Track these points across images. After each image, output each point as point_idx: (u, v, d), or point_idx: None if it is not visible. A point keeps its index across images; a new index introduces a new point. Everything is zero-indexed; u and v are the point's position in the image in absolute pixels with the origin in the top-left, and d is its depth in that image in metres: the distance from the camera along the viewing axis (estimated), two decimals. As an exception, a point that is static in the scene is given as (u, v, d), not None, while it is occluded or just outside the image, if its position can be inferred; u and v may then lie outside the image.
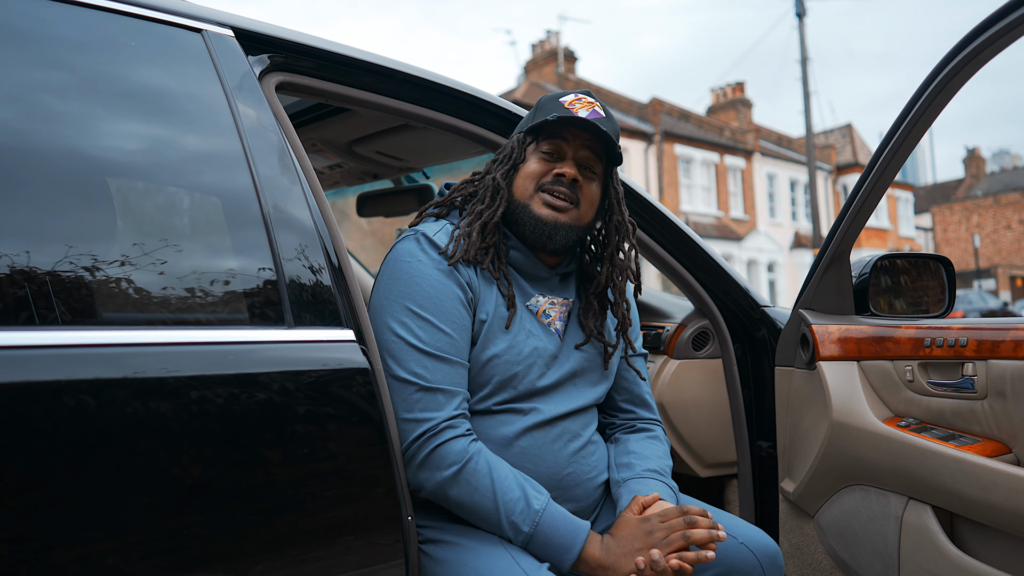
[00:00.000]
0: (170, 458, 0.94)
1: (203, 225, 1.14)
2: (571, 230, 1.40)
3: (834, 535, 1.64)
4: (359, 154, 2.10)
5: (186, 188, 1.14)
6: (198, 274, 1.06)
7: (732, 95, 29.21)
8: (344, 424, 1.12)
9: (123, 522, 0.91)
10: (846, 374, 1.61)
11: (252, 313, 1.09)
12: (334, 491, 1.10)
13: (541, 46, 28.05)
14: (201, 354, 1.00)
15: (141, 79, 1.14)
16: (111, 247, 1.00)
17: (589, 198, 1.41)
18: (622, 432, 1.54)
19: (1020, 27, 1.27)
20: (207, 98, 1.18)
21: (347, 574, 1.10)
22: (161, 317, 1.01)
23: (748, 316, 1.96)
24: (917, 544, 1.43)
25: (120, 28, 1.13)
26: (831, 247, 1.70)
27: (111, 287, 0.98)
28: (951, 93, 1.45)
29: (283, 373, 1.06)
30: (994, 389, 1.32)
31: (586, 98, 1.42)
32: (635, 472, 1.41)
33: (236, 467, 1.00)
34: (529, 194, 1.39)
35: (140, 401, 0.93)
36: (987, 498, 1.27)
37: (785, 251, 26.94)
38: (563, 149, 1.40)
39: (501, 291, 1.36)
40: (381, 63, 1.49)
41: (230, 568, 0.99)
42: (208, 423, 0.98)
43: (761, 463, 1.95)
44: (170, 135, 1.14)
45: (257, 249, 1.12)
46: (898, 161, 1.56)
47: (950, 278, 1.78)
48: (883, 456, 1.48)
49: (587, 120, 1.35)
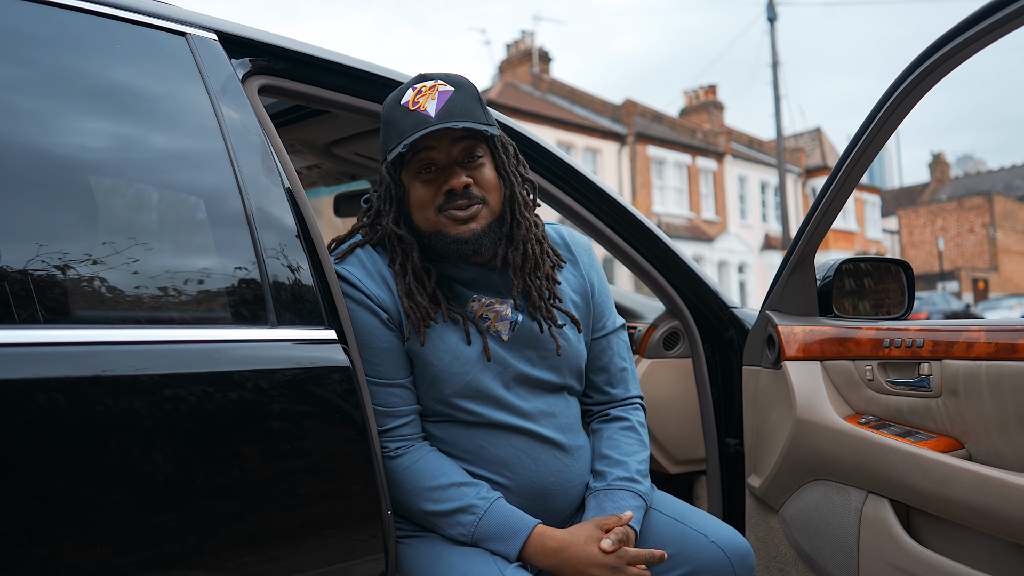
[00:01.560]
0: (160, 453, 0.97)
1: (188, 226, 1.17)
2: (491, 230, 1.31)
3: (797, 528, 1.70)
4: (337, 155, 2.12)
5: (171, 189, 1.16)
6: (184, 275, 1.09)
7: (704, 97, 29.51)
8: (327, 421, 1.15)
9: (122, 518, 0.93)
10: (810, 373, 1.68)
11: (237, 312, 1.12)
12: (317, 486, 1.13)
13: (516, 46, 28.10)
14: (188, 352, 1.03)
15: (127, 81, 1.16)
16: (99, 247, 1.02)
17: (490, 185, 1.31)
18: (598, 421, 1.51)
19: (980, 40, 1.32)
20: (192, 100, 1.20)
21: (329, 568, 1.13)
22: (149, 316, 1.03)
23: (717, 317, 2.02)
24: (875, 536, 1.49)
25: (106, 31, 1.15)
26: (796, 251, 1.76)
27: (103, 286, 1.00)
28: (913, 102, 1.50)
29: (268, 371, 1.09)
30: (948, 388, 1.39)
31: (425, 85, 1.29)
32: (606, 482, 1.38)
33: (222, 463, 1.03)
34: (434, 221, 1.30)
35: (127, 399, 0.95)
36: (940, 491, 1.33)
37: (755, 252, 27.29)
38: (437, 159, 1.29)
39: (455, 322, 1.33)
40: (362, 67, 1.52)
41: (216, 563, 1.02)
42: (193, 420, 1.00)
43: (729, 460, 2.01)
44: (155, 136, 1.16)
45: (241, 249, 1.15)
46: (861, 167, 1.62)
47: (910, 281, 1.86)
48: (844, 452, 1.54)
49: (436, 126, 1.24)
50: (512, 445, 1.34)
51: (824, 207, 1.69)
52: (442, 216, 1.30)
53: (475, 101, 1.30)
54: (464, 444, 1.34)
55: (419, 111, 1.26)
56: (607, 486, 1.38)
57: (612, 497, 1.36)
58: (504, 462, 1.33)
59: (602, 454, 1.44)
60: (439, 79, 1.30)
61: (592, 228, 1.87)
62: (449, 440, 1.35)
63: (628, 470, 1.40)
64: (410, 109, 1.27)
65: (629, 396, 1.54)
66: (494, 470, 1.33)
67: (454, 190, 1.28)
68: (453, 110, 1.26)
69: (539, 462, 1.35)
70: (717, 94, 29.46)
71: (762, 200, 28.67)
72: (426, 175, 1.30)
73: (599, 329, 1.50)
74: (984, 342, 1.33)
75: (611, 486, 1.38)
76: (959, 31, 1.34)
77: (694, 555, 1.34)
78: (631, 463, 1.42)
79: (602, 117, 25.18)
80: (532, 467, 1.34)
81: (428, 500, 1.28)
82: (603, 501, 1.36)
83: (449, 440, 1.35)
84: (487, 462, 1.33)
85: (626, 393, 1.53)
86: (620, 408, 1.52)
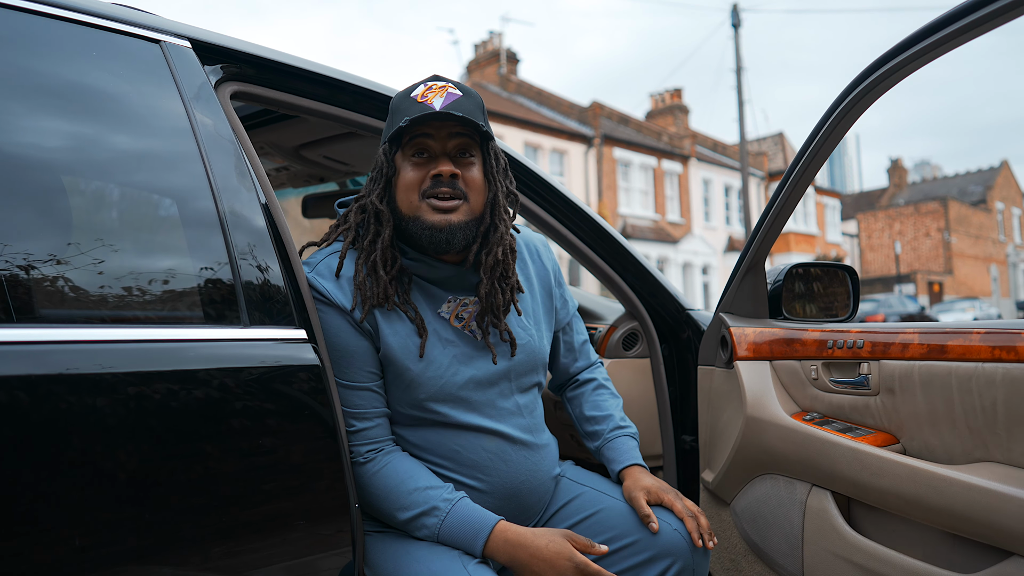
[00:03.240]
0: (136, 448, 1.01)
1: (163, 228, 1.20)
2: (467, 226, 1.36)
3: (747, 520, 1.79)
4: (306, 158, 2.16)
5: (146, 192, 1.19)
6: (158, 276, 1.12)
7: (670, 101, 29.86)
8: (299, 418, 1.20)
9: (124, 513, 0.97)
10: (760, 373, 1.76)
11: (210, 312, 1.16)
12: (287, 481, 1.17)
13: (484, 46, 28.14)
14: (162, 351, 1.07)
15: (102, 87, 1.19)
16: (79, 250, 1.05)
17: (475, 185, 1.37)
18: (571, 389, 1.70)
19: (927, 55, 1.38)
20: (166, 106, 1.24)
21: (299, 560, 1.18)
22: (124, 316, 1.07)
23: (674, 318, 2.10)
24: (818, 526, 1.58)
25: (83, 38, 1.18)
26: (748, 255, 1.85)
27: (75, 287, 1.04)
28: (859, 112, 1.55)
29: (240, 369, 1.13)
30: (885, 386, 1.48)
31: (437, 83, 1.37)
32: (603, 437, 1.61)
33: (196, 458, 1.07)
34: (416, 205, 1.35)
35: (111, 394, 0.99)
36: (877, 483, 1.42)
37: (719, 254, 27.69)
38: (431, 147, 1.35)
39: (408, 317, 1.37)
40: (332, 75, 1.56)
41: (184, 556, 1.06)
42: (168, 416, 1.04)
43: (685, 455, 2.09)
44: (131, 141, 1.20)
45: (215, 252, 1.19)
46: (810, 174, 1.69)
47: (855, 286, 1.95)
48: (790, 447, 1.63)
49: (440, 111, 1.30)
50: (484, 448, 1.40)
51: (775, 213, 1.77)
52: (424, 202, 1.35)
53: (479, 109, 1.38)
54: (438, 449, 1.39)
55: (426, 103, 1.33)
56: (604, 440, 1.60)
57: (613, 447, 1.59)
58: (478, 465, 1.39)
59: (587, 416, 1.66)
60: (451, 83, 1.38)
61: (555, 232, 1.93)
62: (423, 444, 1.39)
63: (614, 420, 1.63)
64: (418, 101, 1.35)
65: (590, 362, 1.74)
66: (469, 474, 1.39)
67: (441, 175, 1.33)
68: (457, 108, 1.33)
69: (510, 464, 1.42)
70: (683, 98, 29.83)
71: (726, 203, 29.10)
72: (418, 159, 1.36)
73: (565, 315, 1.65)
74: (917, 343, 1.42)
75: (608, 438, 1.60)
76: (906, 46, 1.41)
77: (656, 540, 1.42)
78: (614, 414, 1.65)
79: (569, 119, 25.35)
80: (504, 469, 1.41)
81: (395, 507, 1.32)
82: (607, 452, 1.59)
83: (423, 444, 1.39)
84: (462, 466, 1.38)
85: (588, 361, 1.74)
86: (585, 372, 1.73)
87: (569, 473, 1.60)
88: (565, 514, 1.51)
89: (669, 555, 1.42)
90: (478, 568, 1.26)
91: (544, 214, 1.89)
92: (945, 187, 50.59)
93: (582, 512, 1.50)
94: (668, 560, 1.42)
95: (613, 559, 1.43)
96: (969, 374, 1.30)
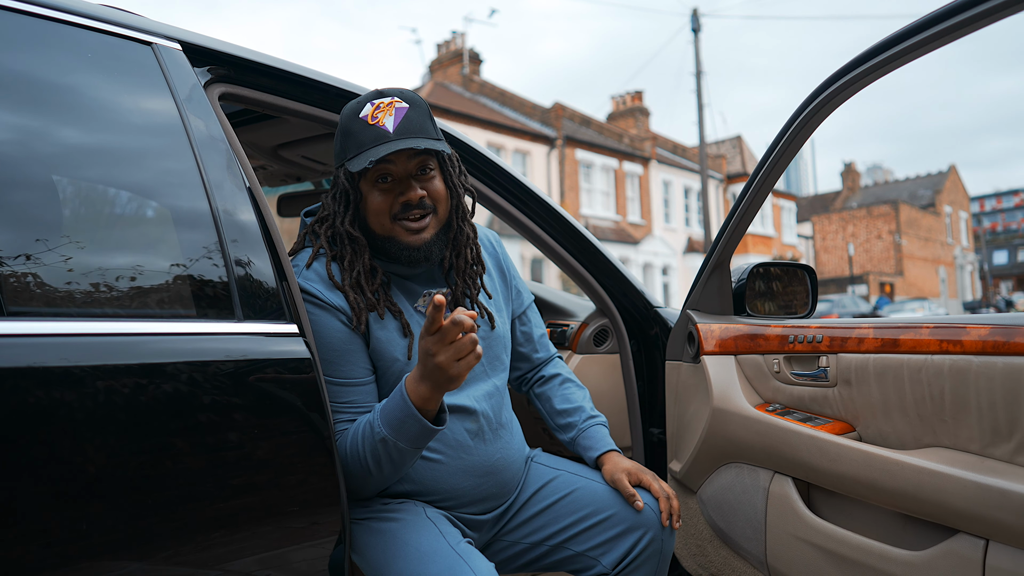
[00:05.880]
0: (140, 434, 1.04)
1: (159, 226, 1.24)
2: (439, 238, 1.46)
3: (713, 507, 1.88)
4: (284, 158, 2.18)
5: (142, 190, 1.23)
6: (155, 273, 1.16)
7: (631, 103, 30.19)
8: (292, 408, 1.24)
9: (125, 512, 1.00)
10: (725, 367, 1.85)
11: (206, 307, 1.20)
12: (281, 471, 1.21)
13: (447, 46, 28.11)
14: (161, 344, 1.11)
15: (97, 88, 1.22)
16: (80, 248, 1.09)
17: (439, 196, 1.45)
18: (538, 386, 1.79)
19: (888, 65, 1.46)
20: (160, 107, 1.27)
21: (289, 548, 1.22)
22: (122, 312, 1.11)
23: (643, 316, 2.18)
24: (780, 511, 1.67)
25: (78, 40, 1.21)
26: (714, 255, 1.93)
27: (88, 284, 1.07)
28: (822, 118, 1.64)
29: (236, 362, 1.17)
30: (842, 378, 1.58)
31: (383, 101, 1.40)
32: (577, 428, 1.69)
33: (191, 448, 1.11)
34: (388, 227, 1.43)
35: (118, 382, 1.02)
36: (834, 469, 1.52)
37: (679, 255, 28.09)
38: (393, 171, 1.40)
39: (393, 315, 1.44)
40: (316, 77, 1.60)
41: (179, 546, 1.09)
42: (163, 408, 1.08)
43: (653, 447, 2.17)
44: (126, 141, 1.23)
45: (209, 249, 1.22)
46: (774, 177, 1.78)
47: (813, 284, 2.06)
48: (754, 437, 1.72)
49: (395, 146, 1.35)
50: (466, 428, 1.48)
51: (740, 214, 1.86)
52: (396, 224, 1.43)
53: (427, 118, 1.43)
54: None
55: (378, 126, 1.38)
56: (579, 430, 1.69)
57: (588, 435, 1.67)
58: (461, 445, 1.47)
59: (558, 410, 1.73)
60: (395, 96, 1.42)
61: (527, 230, 2.00)
62: None
63: (586, 411, 1.72)
64: (369, 123, 1.39)
65: (550, 355, 1.82)
66: (452, 454, 1.46)
67: (410, 202, 1.41)
68: (409, 127, 1.38)
69: (488, 442, 1.51)
70: (643, 100, 30.19)
71: (685, 204, 29.53)
72: (383, 184, 1.42)
73: (519, 306, 1.73)
74: (872, 338, 1.52)
75: (582, 428, 1.69)
76: (867, 57, 1.48)
77: (630, 515, 1.55)
78: (584, 405, 1.73)
79: (531, 120, 25.47)
80: (483, 447, 1.50)
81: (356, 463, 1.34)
82: (583, 441, 1.67)
83: None
84: (447, 446, 1.46)
85: (548, 354, 1.82)
86: (547, 367, 1.80)
87: (541, 459, 1.69)
88: (541, 496, 1.60)
89: (642, 527, 1.55)
90: (464, 547, 1.33)
91: (513, 210, 1.96)
92: (896, 191, 52.03)
93: (557, 493, 1.60)
94: (641, 531, 1.54)
95: (591, 533, 1.55)
96: (919, 366, 1.40)
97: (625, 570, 1.55)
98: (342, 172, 1.44)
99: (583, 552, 1.56)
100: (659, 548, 1.56)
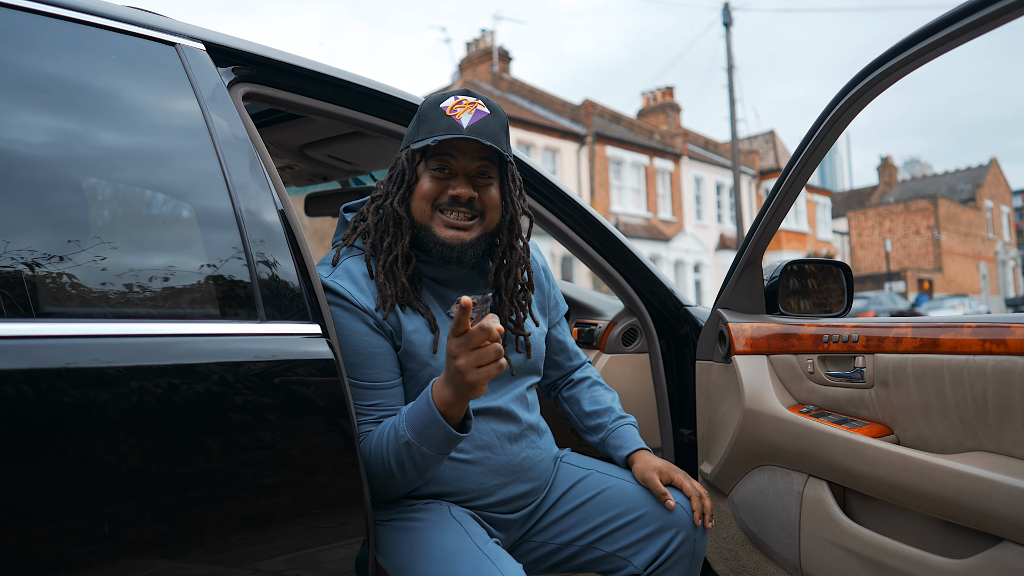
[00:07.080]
0: (163, 438, 1.04)
1: (182, 227, 1.24)
2: (479, 242, 1.44)
3: (745, 511, 1.83)
4: (311, 157, 2.19)
5: (166, 191, 1.23)
6: (179, 273, 1.16)
7: (662, 99, 29.97)
8: (316, 410, 1.23)
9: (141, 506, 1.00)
10: (757, 367, 1.81)
11: (228, 308, 1.19)
12: (305, 471, 1.20)
13: (476, 44, 28.15)
14: (189, 344, 1.11)
15: (122, 87, 1.22)
16: (103, 249, 1.09)
17: (491, 204, 1.44)
18: (567, 389, 1.77)
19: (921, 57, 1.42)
20: (183, 107, 1.27)
21: (315, 548, 1.21)
22: (148, 312, 1.11)
23: (673, 314, 2.14)
24: (814, 516, 1.63)
25: (103, 42, 1.22)
26: (746, 253, 1.89)
27: (113, 284, 1.07)
28: (856, 112, 1.59)
29: (260, 363, 1.16)
30: (879, 379, 1.53)
31: (467, 99, 1.41)
32: (607, 428, 1.68)
33: (217, 448, 1.10)
34: (428, 215, 1.41)
35: (147, 383, 1.02)
36: (872, 473, 1.47)
37: (711, 252, 27.81)
38: (452, 165, 1.40)
39: (420, 313, 1.42)
40: (340, 76, 1.59)
41: (205, 547, 1.09)
42: (189, 409, 1.08)
43: (683, 448, 2.14)
44: (151, 141, 1.23)
45: (232, 249, 1.22)
46: (807, 172, 1.73)
47: (848, 282, 2.00)
48: (787, 439, 1.68)
49: (468, 136, 1.35)
50: (494, 429, 1.47)
51: (772, 211, 1.81)
52: (436, 214, 1.42)
53: (503, 130, 1.42)
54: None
55: (454, 118, 1.38)
56: (608, 431, 1.68)
57: (618, 435, 1.67)
58: (488, 445, 1.46)
59: (588, 412, 1.73)
60: (480, 99, 1.42)
61: (555, 229, 1.97)
62: None
63: (615, 412, 1.72)
64: (447, 114, 1.39)
65: (581, 362, 1.83)
66: (479, 454, 1.45)
67: (459, 198, 1.40)
68: (484, 129, 1.38)
69: (515, 441, 1.50)
70: (674, 96, 29.95)
71: (717, 201, 29.23)
72: (439, 173, 1.41)
73: (556, 315, 1.73)
74: (911, 337, 1.47)
75: (611, 428, 1.68)
76: (903, 48, 1.44)
77: (662, 515, 1.53)
78: (613, 407, 1.73)
79: (561, 117, 25.39)
80: (511, 447, 1.49)
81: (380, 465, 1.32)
82: (612, 441, 1.66)
83: None
84: (474, 447, 1.45)
85: (579, 360, 1.83)
86: (578, 371, 1.81)
87: (570, 459, 1.67)
88: (571, 496, 1.58)
89: (674, 526, 1.52)
90: (492, 547, 1.31)
91: (547, 213, 1.94)
92: (935, 185, 50.94)
93: (587, 492, 1.58)
94: (673, 531, 1.52)
95: (622, 533, 1.53)
96: (961, 366, 1.34)
97: (657, 571, 1.52)
98: (404, 153, 1.44)
99: (614, 552, 1.53)
100: (691, 549, 1.53)
